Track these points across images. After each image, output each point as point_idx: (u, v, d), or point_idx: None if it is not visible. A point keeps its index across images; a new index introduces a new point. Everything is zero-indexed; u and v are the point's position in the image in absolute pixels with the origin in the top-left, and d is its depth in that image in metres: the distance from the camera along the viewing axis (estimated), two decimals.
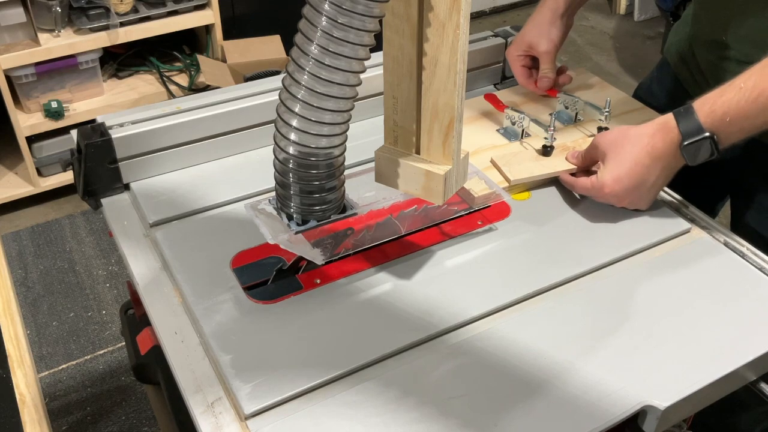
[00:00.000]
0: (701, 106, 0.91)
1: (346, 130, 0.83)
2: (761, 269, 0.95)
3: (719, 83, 0.91)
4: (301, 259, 0.91)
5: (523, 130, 1.14)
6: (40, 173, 2.46)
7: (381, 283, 0.91)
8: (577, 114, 1.18)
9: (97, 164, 1.03)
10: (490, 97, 1.22)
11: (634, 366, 0.82)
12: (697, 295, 0.91)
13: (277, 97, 0.81)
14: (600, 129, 1.13)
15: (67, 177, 2.48)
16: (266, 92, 1.14)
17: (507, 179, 1.04)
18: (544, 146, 1.08)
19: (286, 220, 0.88)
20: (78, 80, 2.41)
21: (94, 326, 2.08)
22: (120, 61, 2.61)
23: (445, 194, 0.84)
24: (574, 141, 1.12)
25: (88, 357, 1.99)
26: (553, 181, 1.07)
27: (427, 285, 0.91)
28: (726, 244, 0.99)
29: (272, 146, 0.84)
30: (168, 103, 1.11)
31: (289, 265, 0.91)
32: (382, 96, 0.85)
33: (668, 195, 1.08)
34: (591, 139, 1.12)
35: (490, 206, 1.01)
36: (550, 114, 1.12)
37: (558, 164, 1.06)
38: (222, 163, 1.12)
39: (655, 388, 0.79)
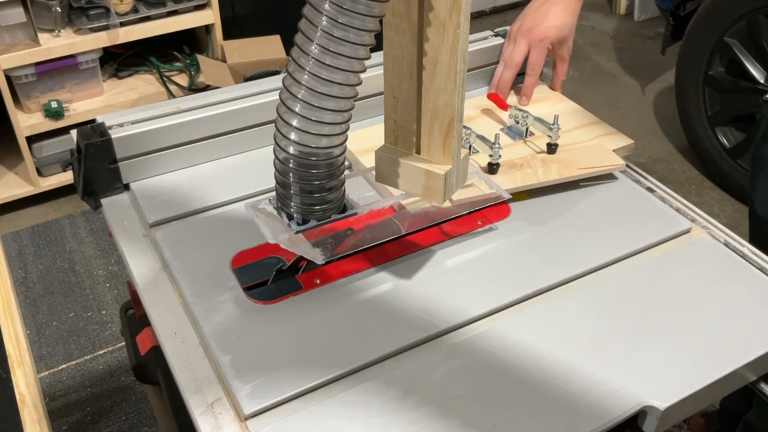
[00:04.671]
0: None
1: (347, 130, 0.83)
2: (761, 269, 0.95)
3: None
4: (301, 259, 0.91)
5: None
6: (40, 173, 2.46)
7: (381, 283, 0.91)
8: (527, 129, 1.14)
9: (97, 164, 1.03)
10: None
11: (634, 366, 0.82)
12: (697, 295, 0.91)
13: (277, 97, 0.81)
14: (549, 146, 1.09)
15: (67, 177, 2.48)
16: (266, 92, 1.13)
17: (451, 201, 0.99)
18: (490, 164, 1.05)
19: (286, 220, 0.88)
20: (78, 80, 2.41)
21: (94, 326, 2.07)
22: (120, 61, 2.61)
23: (445, 194, 0.84)
24: (522, 158, 1.08)
25: (88, 357, 1.99)
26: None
27: (427, 285, 0.91)
28: (726, 244, 0.99)
29: (272, 146, 0.84)
30: (168, 103, 1.11)
31: (289, 265, 0.91)
32: (382, 96, 0.85)
33: (668, 195, 1.08)
34: (541, 156, 1.09)
35: (490, 206, 1.01)
36: (501, 129, 1.10)
37: (503, 182, 1.02)
38: (222, 163, 1.12)
39: (655, 388, 0.79)
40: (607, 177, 1.09)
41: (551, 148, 1.10)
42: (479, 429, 0.75)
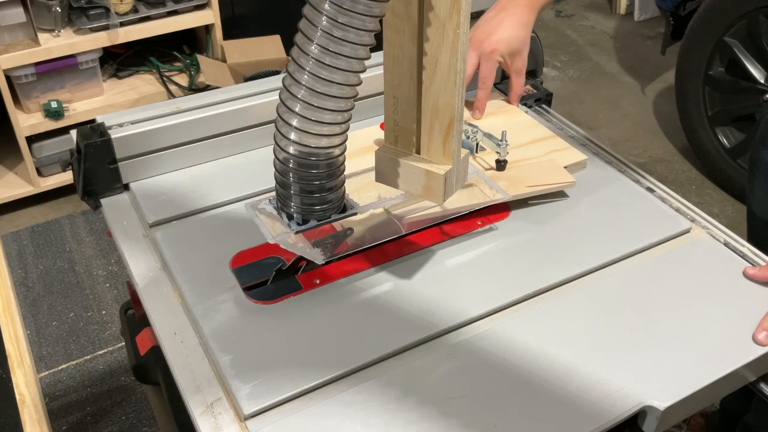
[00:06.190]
0: None
1: (347, 130, 0.83)
2: None
3: None
4: (300, 259, 0.91)
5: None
6: (40, 173, 2.46)
7: (381, 283, 0.91)
8: (477, 144, 1.09)
9: (97, 164, 1.03)
10: None
11: (634, 366, 0.82)
12: (697, 295, 0.91)
13: (277, 97, 0.81)
14: (498, 162, 1.06)
15: (67, 177, 2.48)
16: (266, 92, 1.13)
17: None
18: None
19: (286, 220, 0.88)
20: (78, 80, 2.41)
21: (94, 326, 2.07)
22: (120, 61, 2.61)
23: (445, 194, 0.84)
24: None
25: (88, 357, 1.99)
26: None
27: (427, 285, 0.91)
28: (726, 244, 0.99)
29: (272, 146, 0.84)
30: (168, 103, 1.11)
31: (289, 265, 0.91)
32: (382, 96, 0.85)
33: (668, 195, 1.08)
34: (489, 173, 1.05)
35: (490, 206, 1.01)
36: None
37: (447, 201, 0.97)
38: (222, 163, 1.12)
39: (655, 388, 0.79)
40: (609, 178, 1.09)
41: (500, 165, 1.06)
42: (479, 429, 0.75)
